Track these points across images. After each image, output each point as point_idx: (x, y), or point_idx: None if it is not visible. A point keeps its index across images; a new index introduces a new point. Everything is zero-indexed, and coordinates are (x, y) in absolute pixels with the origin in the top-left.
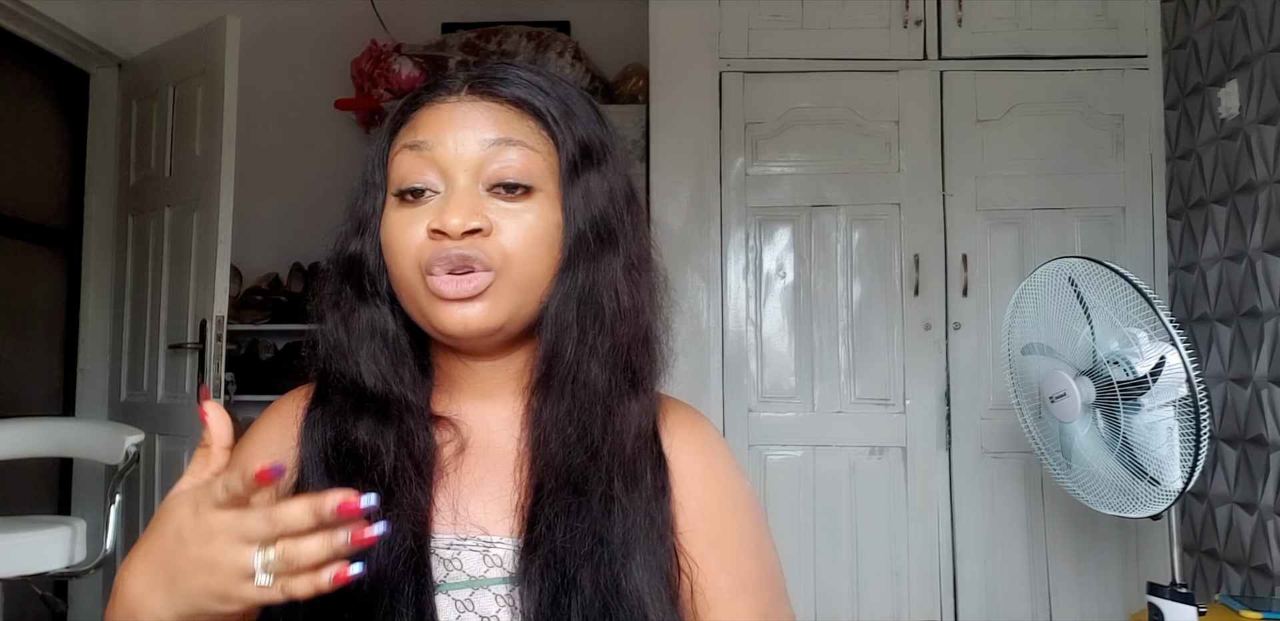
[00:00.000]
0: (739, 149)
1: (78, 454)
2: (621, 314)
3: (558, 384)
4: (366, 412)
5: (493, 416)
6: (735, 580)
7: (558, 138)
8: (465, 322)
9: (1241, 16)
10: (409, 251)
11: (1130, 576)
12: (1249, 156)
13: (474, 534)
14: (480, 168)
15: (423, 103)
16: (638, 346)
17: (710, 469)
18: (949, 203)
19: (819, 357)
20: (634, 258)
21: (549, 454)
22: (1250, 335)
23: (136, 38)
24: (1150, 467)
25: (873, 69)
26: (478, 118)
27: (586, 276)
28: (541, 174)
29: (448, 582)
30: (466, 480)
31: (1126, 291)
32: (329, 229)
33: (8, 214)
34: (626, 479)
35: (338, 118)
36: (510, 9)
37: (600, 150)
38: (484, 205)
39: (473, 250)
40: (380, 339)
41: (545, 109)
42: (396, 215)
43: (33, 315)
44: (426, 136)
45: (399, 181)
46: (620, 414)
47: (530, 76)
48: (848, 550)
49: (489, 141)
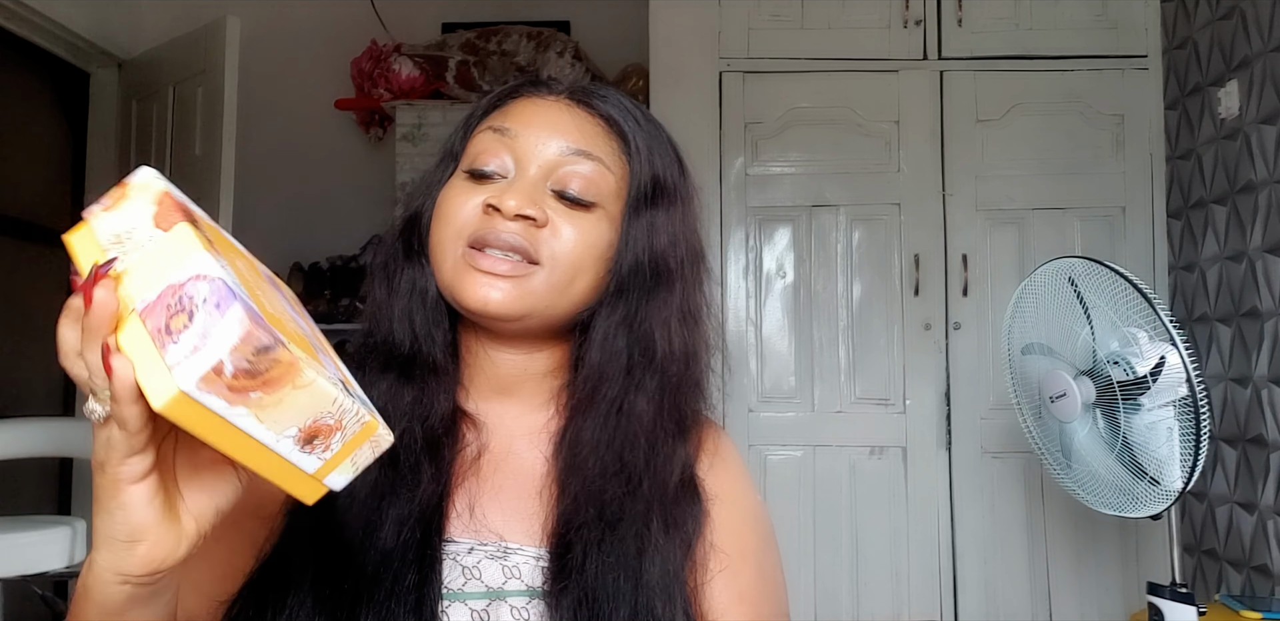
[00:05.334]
0: (739, 149)
1: (78, 454)
2: (673, 355)
3: (600, 408)
4: (390, 370)
5: (513, 420)
6: (733, 593)
7: (633, 165)
8: (487, 300)
9: (1241, 16)
10: (456, 217)
11: (1130, 576)
12: (1249, 156)
13: (492, 539)
14: (553, 169)
15: (522, 94)
16: (686, 392)
17: (733, 490)
18: (949, 203)
19: (819, 357)
20: (690, 307)
21: (585, 479)
22: (1250, 335)
23: (136, 38)
24: (1150, 467)
25: (873, 69)
26: (567, 123)
27: (640, 308)
28: (608, 193)
29: (465, 591)
30: (486, 485)
31: (1126, 291)
32: (329, 228)
33: (8, 214)
34: (667, 522)
35: (338, 118)
36: (510, 9)
37: (673, 193)
38: (545, 201)
39: (523, 240)
40: (419, 297)
41: (632, 135)
42: (459, 185)
43: (33, 315)
44: (514, 125)
45: (473, 159)
46: (664, 454)
47: (630, 105)
48: (848, 550)
49: (570, 149)
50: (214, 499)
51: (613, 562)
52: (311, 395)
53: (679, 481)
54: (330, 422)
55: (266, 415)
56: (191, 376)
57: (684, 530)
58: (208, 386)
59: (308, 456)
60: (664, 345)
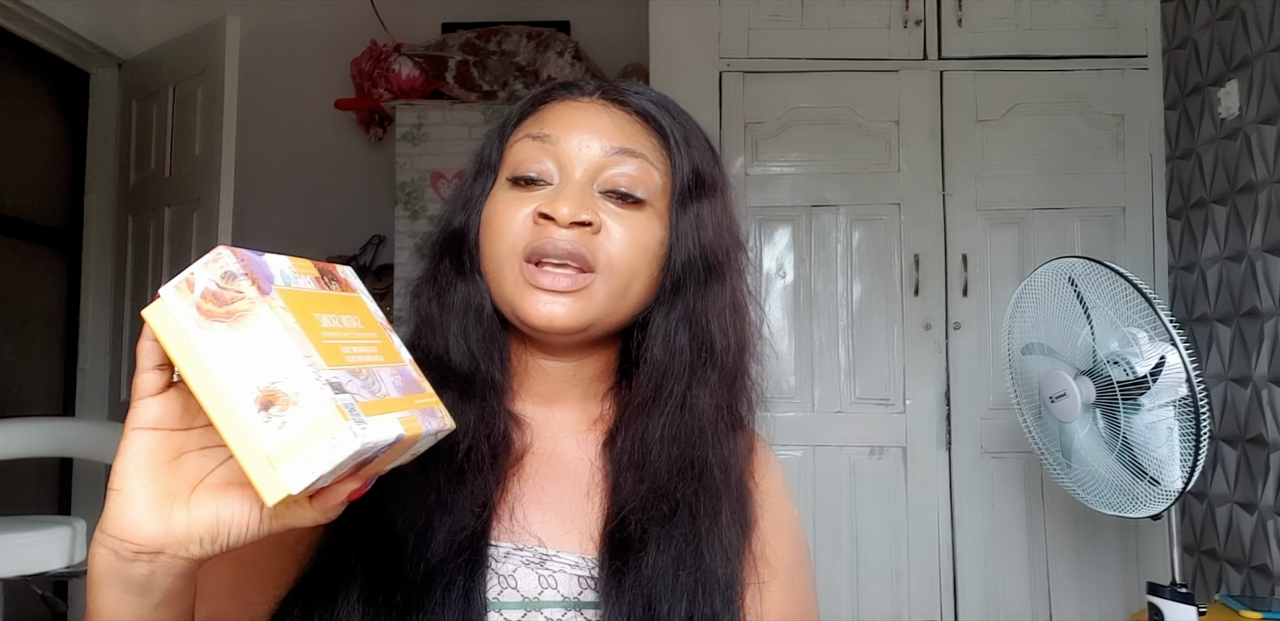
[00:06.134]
0: (739, 149)
1: (78, 454)
2: (729, 347)
3: (663, 405)
4: (448, 388)
5: (558, 423)
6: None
7: (675, 159)
8: (551, 317)
9: (1241, 16)
10: (509, 231)
11: (1130, 576)
12: (1249, 156)
13: (530, 544)
14: (599, 170)
15: (553, 98)
16: (742, 384)
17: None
18: (949, 203)
19: (819, 357)
20: (739, 297)
21: (652, 476)
22: (1250, 335)
23: (136, 38)
24: (1150, 467)
25: (873, 69)
26: (606, 123)
27: (698, 303)
28: (654, 190)
29: (501, 601)
30: (527, 487)
31: (1126, 291)
32: (329, 228)
33: (8, 214)
34: (735, 514)
35: (338, 118)
36: (510, 9)
37: (712, 184)
38: (595, 203)
39: (579, 247)
40: (475, 315)
41: (670, 129)
42: (505, 196)
43: (33, 315)
44: (553, 130)
45: (515, 167)
46: (727, 447)
47: (660, 98)
48: (848, 550)
49: (613, 148)
50: (216, 510)
51: (674, 557)
52: (268, 341)
53: (739, 475)
54: (287, 393)
55: (228, 352)
56: (169, 287)
57: (745, 524)
58: (179, 297)
59: (264, 424)
60: (721, 339)
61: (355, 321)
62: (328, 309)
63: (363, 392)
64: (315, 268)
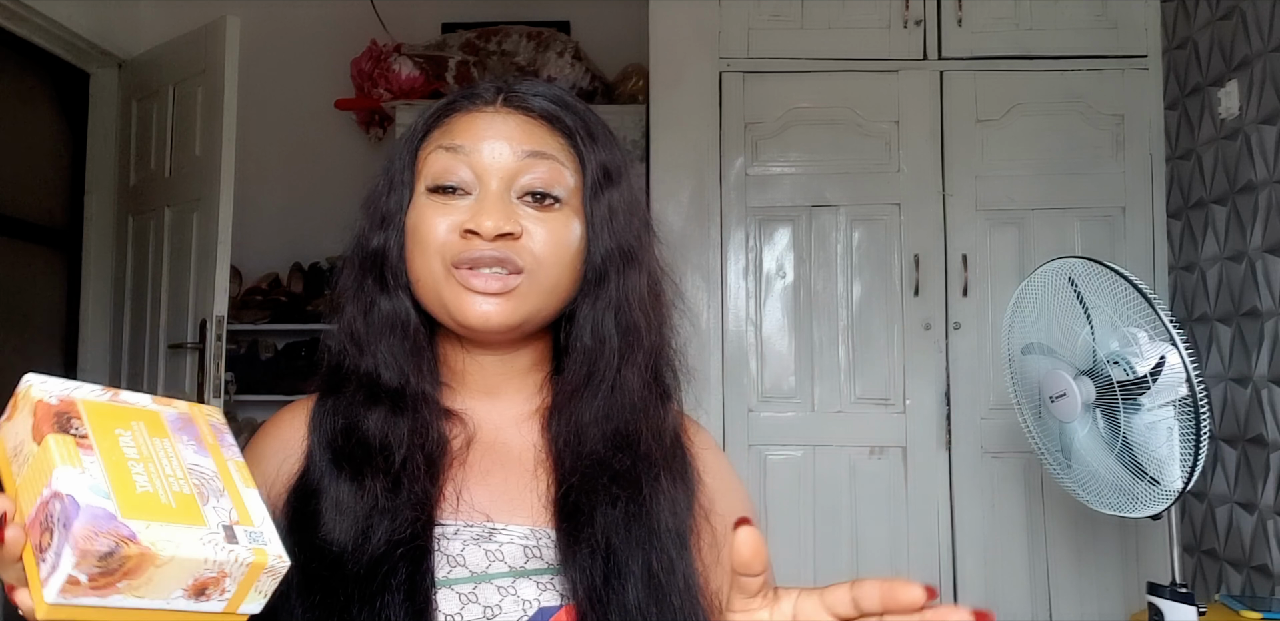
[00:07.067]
0: (739, 149)
1: None
2: (650, 327)
3: (594, 388)
4: (379, 404)
5: (499, 414)
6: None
7: (584, 157)
8: (487, 317)
9: (1241, 16)
10: (436, 241)
11: (1130, 576)
12: (1249, 156)
13: (478, 520)
14: (514, 176)
15: (458, 109)
16: (664, 359)
17: (718, 471)
18: (949, 203)
19: (819, 357)
20: (654, 276)
21: (590, 453)
22: (1250, 335)
23: (136, 38)
24: (1150, 467)
25: (873, 69)
26: (513, 129)
27: (619, 290)
28: (568, 188)
29: (450, 578)
30: (472, 471)
31: (1126, 291)
32: (329, 228)
33: (8, 214)
34: (673, 474)
35: (338, 118)
36: (510, 9)
37: (618, 172)
38: (515, 211)
39: (506, 253)
40: (400, 331)
41: (575, 128)
42: (427, 206)
43: (33, 315)
44: (463, 141)
45: (433, 177)
46: (656, 418)
47: (558, 94)
48: (848, 550)
49: (524, 153)
50: None
51: (623, 513)
52: (179, 566)
53: (673, 439)
54: (213, 575)
55: (143, 592)
56: (53, 591)
57: (687, 481)
58: (73, 592)
59: (206, 603)
60: (644, 319)
61: (170, 436)
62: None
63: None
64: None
